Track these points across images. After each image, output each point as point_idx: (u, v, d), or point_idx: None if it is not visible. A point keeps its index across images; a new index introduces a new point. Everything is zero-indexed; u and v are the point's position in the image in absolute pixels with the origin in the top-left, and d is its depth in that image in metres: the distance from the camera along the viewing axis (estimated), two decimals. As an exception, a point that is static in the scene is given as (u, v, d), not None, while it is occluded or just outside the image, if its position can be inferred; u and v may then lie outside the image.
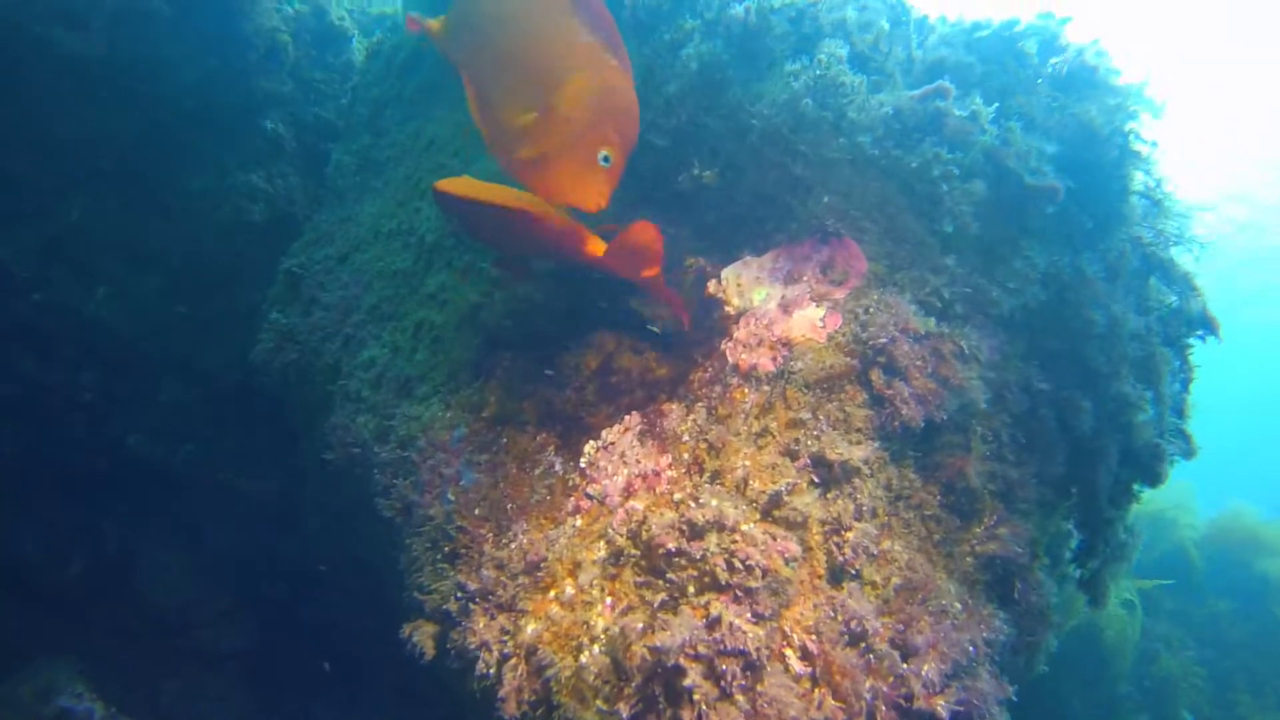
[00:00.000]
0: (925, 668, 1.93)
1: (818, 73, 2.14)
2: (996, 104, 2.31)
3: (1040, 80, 2.50)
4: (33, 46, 4.06)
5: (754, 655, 1.73)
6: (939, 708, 1.85)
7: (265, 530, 4.59)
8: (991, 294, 2.15)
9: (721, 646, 1.75)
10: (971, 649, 1.96)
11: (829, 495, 1.95)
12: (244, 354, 4.18)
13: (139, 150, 4.37)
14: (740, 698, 1.75)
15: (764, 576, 1.81)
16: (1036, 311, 2.27)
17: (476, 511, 2.40)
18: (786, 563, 1.80)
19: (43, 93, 4.22)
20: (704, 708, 1.74)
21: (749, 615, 1.81)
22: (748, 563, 1.80)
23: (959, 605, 2.07)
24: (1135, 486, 2.48)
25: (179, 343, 4.53)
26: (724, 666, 1.73)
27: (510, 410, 2.54)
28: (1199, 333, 2.55)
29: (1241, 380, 27.12)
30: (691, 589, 1.87)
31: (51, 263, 4.42)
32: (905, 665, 1.92)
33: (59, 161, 4.35)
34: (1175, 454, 2.48)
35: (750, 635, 1.74)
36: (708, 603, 1.81)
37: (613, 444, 2.21)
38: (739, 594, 1.80)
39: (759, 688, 1.78)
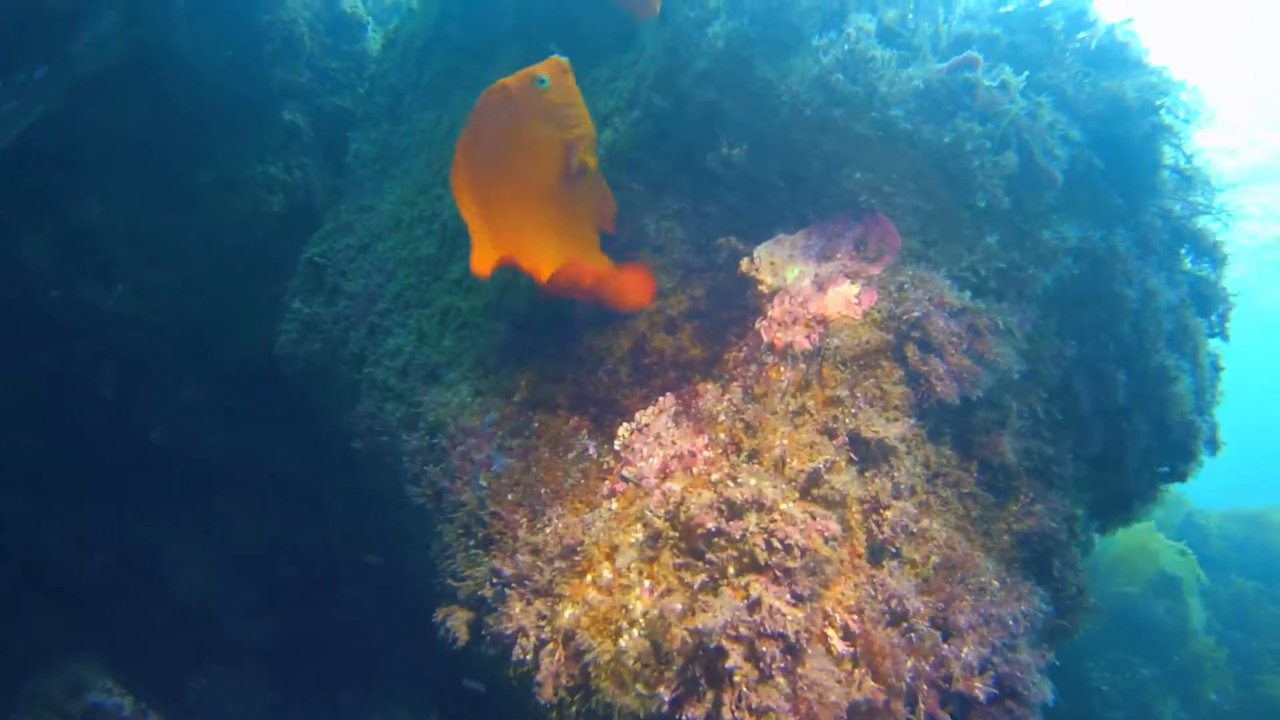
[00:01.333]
0: (965, 650, 1.93)
1: (846, 47, 2.13)
2: (1027, 73, 2.29)
3: (1068, 55, 2.48)
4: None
5: (793, 638, 1.72)
6: (977, 689, 1.84)
7: (289, 521, 4.60)
8: (1027, 269, 2.13)
9: (762, 628, 1.75)
10: (1012, 624, 1.95)
11: (867, 473, 1.95)
12: (265, 345, 4.20)
13: (157, 144, 4.38)
14: (781, 680, 1.75)
15: (803, 556, 1.80)
16: (1070, 286, 2.26)
17: (510, 497, 2.40)
18: (826, 542, 1.79)
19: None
20: (745, 689, 1.74)
21: (789, 596, 1.80)
22: (787, 542, 1.80)
23: (997, 583, 2.07)
24: (1165, 468, 2.46)
25: (199, 335, 4.54)
26: (764, 649, 1.73)
27: (542, 394, 2.54)
28: (1218, 314, 2.53)
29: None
30: (731, 569, 1.87)
31: (71, 259, 4.42)
32: (946, 646, 1.91)
33: (77, 156, 4.35)
34: (1208, 436, 2.46)
35: (790, 617, 1.74)
36: (748, 584, 1.81)
37: (647, 426, 2.21)
38: (778, 574, 1.80)
39: (800, 670, 1.78)
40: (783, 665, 1.77)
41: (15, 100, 3.72)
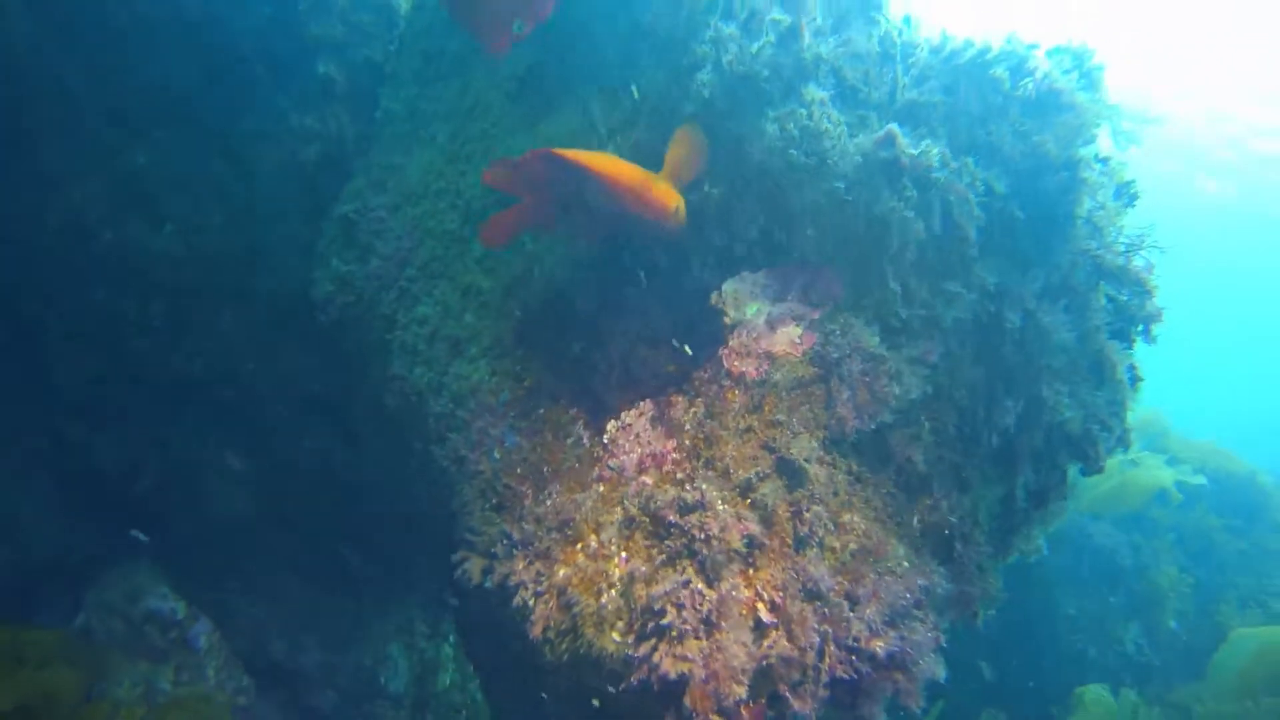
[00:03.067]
0: (868, 611, 2.63)
1: (804, 123, 2.70)
2: (951, 139, 2.86)
3: (1012, 105, 3.03)
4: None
5: (707, 610, 2.43)
6: (877, 649, 2.55)
7: (322, 446, 5.34)
8: (937, 310, 2.75)
9: (687, 600, 2.46)
10: (909, 596, 2.65)
11: (795, 482, 2.61)
12: (298, 281, 4.88)
13: (200, 96, 4.96)
14: (696, 641, 2.46)
15: (724, 548, 2.50)
16: (985, 322, 2.87)
17: (519, 471, 3.10)
18: (743, 538, 2.48)
19: (112, 44, 4.79)
20: (674, 641, 2.46)
21: (703, 581, 2.50)
22: (716, 537, 2.49)
23: (906, 564, 2.76)
24: (1065, 468, 3.11)
25: (239, 272, 5.20)
26: (686, 615, 2.44)
27: (547, 384, 3.21)
28: (1141, 328, 3.13)
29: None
30: (681, 552, 2.57)
31: (121, 204, 5.07)
32: (852, 614, 2.61)
33: (127, 109, 4.95)
34: (1112, 443, 3.10)
35: (707, 596, 2.44)
36: (685, 566, 2.51)
37: (630, 425, 2.88)
38: (704, 561, 2.49)
39: (715, 635, 2.48)
40: (698, 629, 2.48)
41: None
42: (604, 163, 2.82)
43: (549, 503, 2.96)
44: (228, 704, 4.20)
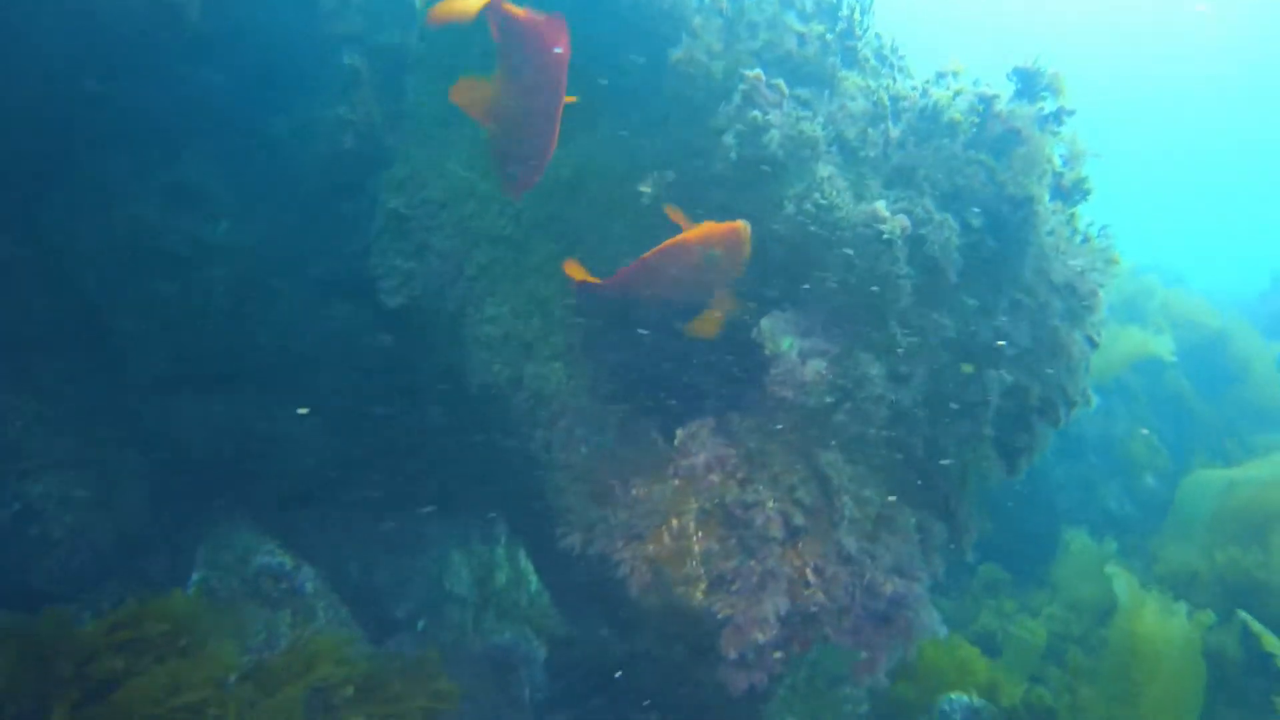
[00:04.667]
0: (883, 562, 4.03)
1: (819, 201, 3.90)
2: (933, 186, 4.08)
3: (981, 147, 4.22)
4: (156, 18, 5.62)
5: (757, 580, 3.81)
6: (887, 590, 3.95)
7: (382, 405, 6.62)
8: (927, 336, 4.04)
9: (748, 572, 3.83)
10: (911, 551, 4.03)
11: (826, 479, 3.95)
12: (344, 257, 6.06)
13: (236, 102, 5.99)
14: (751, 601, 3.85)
15: (772, 535, 3.86)
16: (969, 332, 4.16)
17: (606, 466, 4.41)
18: (788, 528, 3.84)
19: (159, 60, 5.80)
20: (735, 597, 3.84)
21: (756, 559, 3.87)
22: (766, 526, 3.85)
23: (913, 521, 4.14)
24: (1036, 427, 4.47)
25: (291, 254, 6.35)
26: (742, 584, 3.82)
27: (619, 393, 4.48)
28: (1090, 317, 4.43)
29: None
30: (744, 536, 3.93)
31: (178, 205, 6.16)
32: (871, 563, 4.00)
33: (174, 118, 5.98)
34: (1071, 402, 4.45)
35: (757, 569, 3.82)
36: (745, 547, 3.88)
37: (696, 434, 4.19)
38: (757, 544, 3.86)
39: (760, 597, 3.87)
40: (754, 591, 3.87)
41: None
42: (654, 257, 4.01)
43: (635, 494, 4.28)
44: (349, 638, 5.59)
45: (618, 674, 4.83)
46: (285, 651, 5.84)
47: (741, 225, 3.97)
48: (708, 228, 3.98)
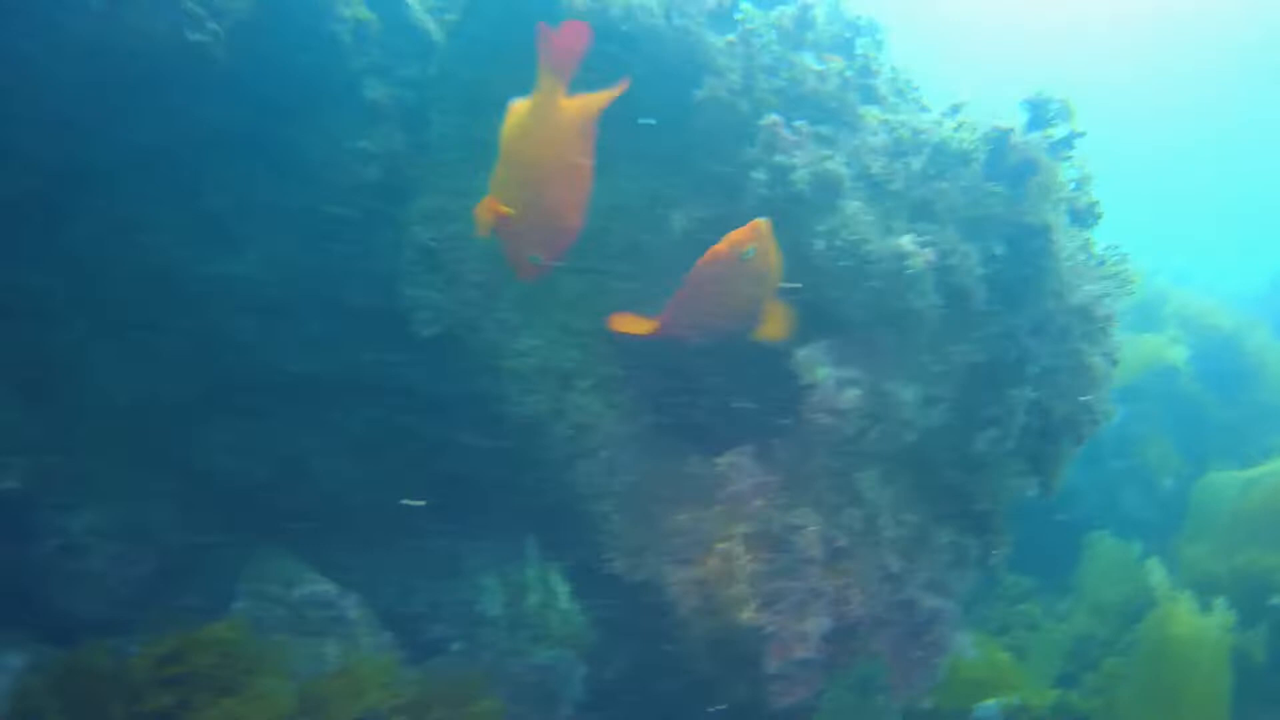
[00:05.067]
0: (919, 579, 4.35)
1: (849, 237, 4.21)
2: (954, 216, 4.40)
3: (995, 180, 4.53)
4: (184, 60, 5.91)
5: (800, 599, 4.13)
6: (924, 605, 4.27)
7: (414, 424, 6.93)
8: (954, 361, 4.36)
9: (794, 592, 4.15)
10: (946, 568, 4.36)
11: (867, 503, 4.27)
12: (381, 293, 6.35)
13: (263, 136, 6.30)
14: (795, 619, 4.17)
15: (816, 558, 4.18)
16: (993, 358, 4.49)
17: (651, 493, 4.72)
18: (831, 550, 4.16)
19: (186, 98, 6.10)
20: (783, 615, 4.16)
21: (801, 580, 4.19)
22: (810, 550, 4.17)
23: (946, 541, 4.46)
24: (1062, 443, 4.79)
25: (320, 288, 6.65)
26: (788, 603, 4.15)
27: (660, 422, 4.79)
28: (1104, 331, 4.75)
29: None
30: (789, 559, 4.25)
31: (205, 239, 6.46)
32: (909, 581, 4.33)
33: (198, 150, 6.29)
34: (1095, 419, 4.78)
35: (801, 589, 4.14)
36: (790, 570, 4.20)
37: (737, 461, 4.50)
38: (802, 565, 4.18)
39: (803, 615, 4.20)
40: (798, 611, 4.19)
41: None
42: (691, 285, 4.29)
43: (680, 520, 4.59)
44: (394, 660, 5.89)
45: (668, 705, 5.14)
46: (334, 676, 6.09)
47: (760, 221, 4.19)
48: (729, 236, 4.25)
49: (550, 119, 4.20)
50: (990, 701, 5.72)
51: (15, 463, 6.38)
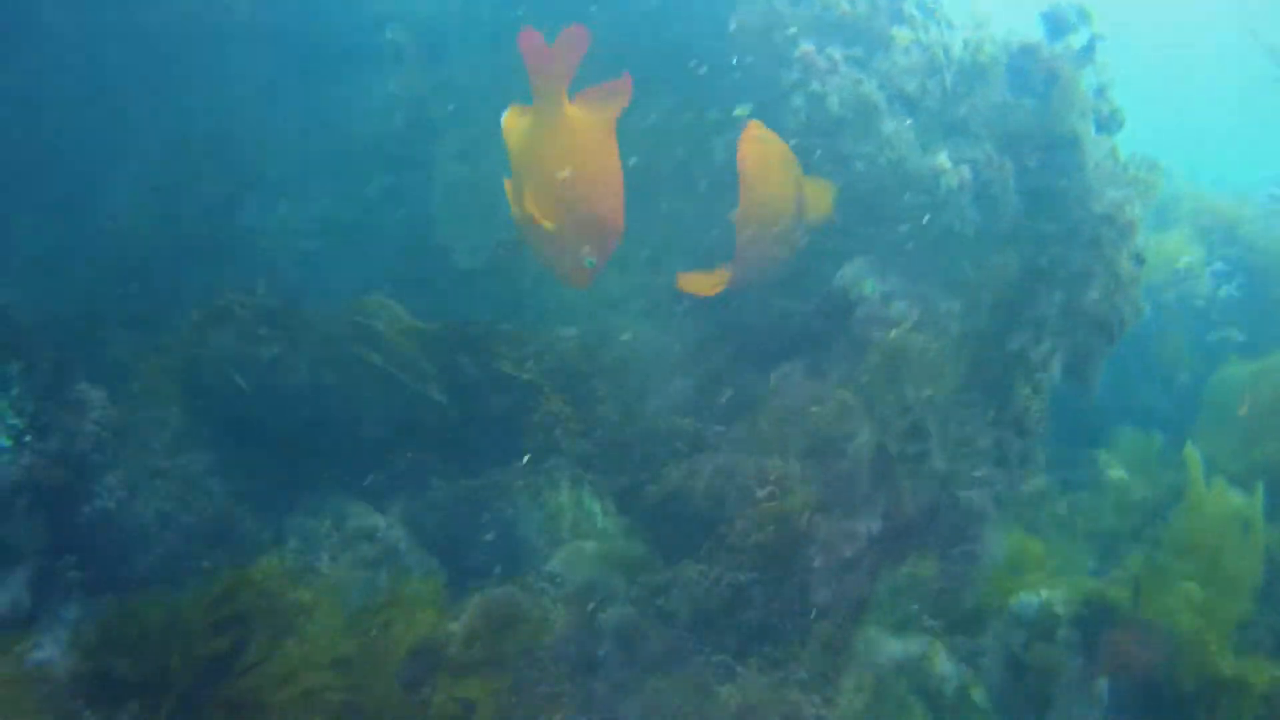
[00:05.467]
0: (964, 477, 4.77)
1: (890, 155, 4.57)
2: (990, 131, 4.75)
3: (1030, 91, 4.88)
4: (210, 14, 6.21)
5: (853, 496, 4.54)
6: (971, 505, 4.69)
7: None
8: (991, 267, 4.75)
9: (844, 488, 4.56)
10: (988, 466, 4.77)
11: (914, 409, 4.67)
12: (415, 234, 6.67)
13: (288, 82, 6.59)
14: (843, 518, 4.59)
15: (867, 461, 4.58)
16: (1030, 263, 4.87)
17: (704, 409, 5.10)
18: (882, 453, 4.56)
19: (213, 50, 6.39)
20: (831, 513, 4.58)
21: (853, 483, 4.59)
22: (861, 453, 4.57)
23: (991, 440, 4.87)
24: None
25: (354, 234, 6.98)
26: (842, 486, 4.56)
27: (712, 342, 5.16)
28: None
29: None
30: (843, 463, 4.65)
31: (240, 187, 6.78)
32: (956, 482, 4.74)
33: (226, 102, 6.59)
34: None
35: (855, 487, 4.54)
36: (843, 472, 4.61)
37: (789, 373, 4.88)
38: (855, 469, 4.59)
39: (851, 515, 4.60)
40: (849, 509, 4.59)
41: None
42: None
43: (735, 433, 4.98)
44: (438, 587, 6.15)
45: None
46: (386, 604, 6.38)
47: (751, 124, 4.48)
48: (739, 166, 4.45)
49: (563, 133, 4.28)
50: (1029, 595, 6.13)
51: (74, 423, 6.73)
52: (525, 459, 6.11)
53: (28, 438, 5.09)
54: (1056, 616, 5.85)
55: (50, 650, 4.49)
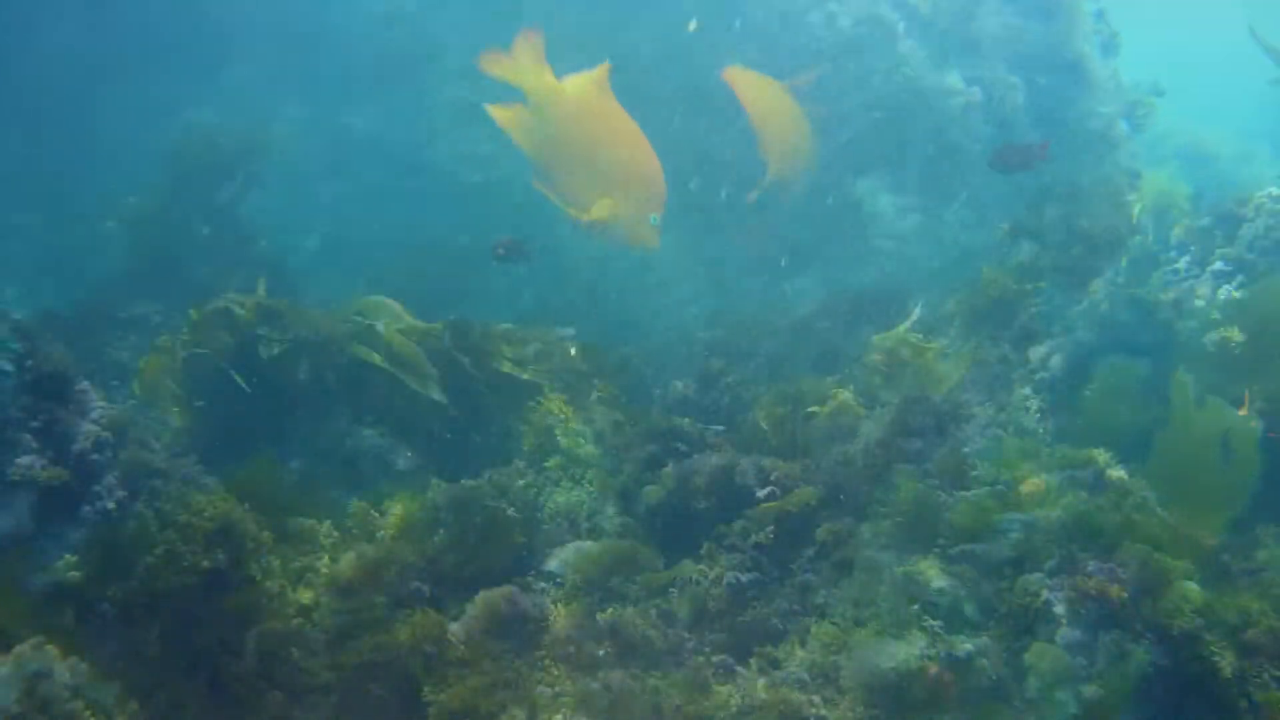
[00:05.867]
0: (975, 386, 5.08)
1: (906, 73, 4.84)
2: (1001, 50, 5.04)
3: (1030, 17, 5.17)
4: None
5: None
6: (973, 413, 5.01)
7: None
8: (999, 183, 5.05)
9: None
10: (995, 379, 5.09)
11: (924, 321, 4.96)
12: (414, 143, 6.88)
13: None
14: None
15: (880, 367, 4.88)
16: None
17: (719, 319, 5.38)
18: (893, 360, 4.87)
19: None
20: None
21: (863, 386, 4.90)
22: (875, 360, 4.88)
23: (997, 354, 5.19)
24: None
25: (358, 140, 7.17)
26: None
27: (727, 256, 5.43)
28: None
29: None
30: (857, 370, 4.95)
31: (233, 106, 6.95)
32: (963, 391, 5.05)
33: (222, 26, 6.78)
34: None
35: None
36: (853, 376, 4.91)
37: (804, 288, 5.16)
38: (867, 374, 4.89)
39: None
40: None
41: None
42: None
43: (750, 344, 5.25)
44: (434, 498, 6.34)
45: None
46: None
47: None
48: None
49: (570, 117, 4.31)
50: (1013, 513, 6.44)
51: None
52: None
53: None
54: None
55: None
